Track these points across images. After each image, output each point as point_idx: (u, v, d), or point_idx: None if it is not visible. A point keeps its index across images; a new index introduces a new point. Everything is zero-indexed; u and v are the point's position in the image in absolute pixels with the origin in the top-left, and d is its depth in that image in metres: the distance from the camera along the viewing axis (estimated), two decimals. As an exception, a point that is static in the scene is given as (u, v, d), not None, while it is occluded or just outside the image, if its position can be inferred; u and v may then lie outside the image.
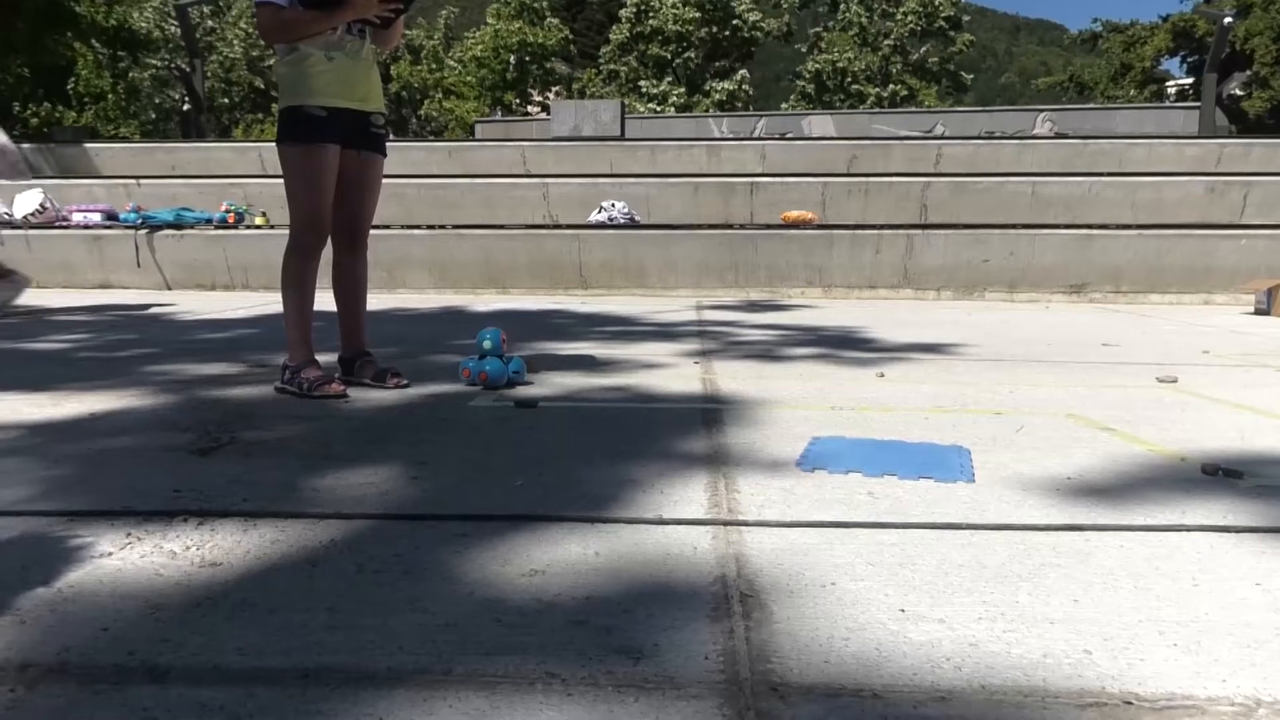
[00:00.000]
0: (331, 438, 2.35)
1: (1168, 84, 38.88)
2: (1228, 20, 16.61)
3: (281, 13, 2.82)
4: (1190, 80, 36.14)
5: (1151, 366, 3.68)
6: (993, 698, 1.05)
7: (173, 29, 30.20)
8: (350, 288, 3.21)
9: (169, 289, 8.04)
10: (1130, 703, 1.05)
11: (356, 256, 3.19)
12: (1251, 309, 6.84)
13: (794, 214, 8.50)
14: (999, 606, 1.31)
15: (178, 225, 8.20)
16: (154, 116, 34.55)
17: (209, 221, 8.31)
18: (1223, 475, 2.01)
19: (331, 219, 3.04)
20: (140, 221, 8.29)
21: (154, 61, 32.58)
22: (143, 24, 30.53)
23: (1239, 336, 5.05)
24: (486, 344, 3.09)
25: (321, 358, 3.04)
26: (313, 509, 1.74)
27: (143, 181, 9.89)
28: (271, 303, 4.18)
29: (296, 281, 3.01)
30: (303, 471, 2.00)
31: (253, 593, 1.35)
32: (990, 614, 1.28)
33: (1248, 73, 32.30)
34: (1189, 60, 37.07)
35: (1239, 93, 32.45)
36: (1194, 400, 2.98)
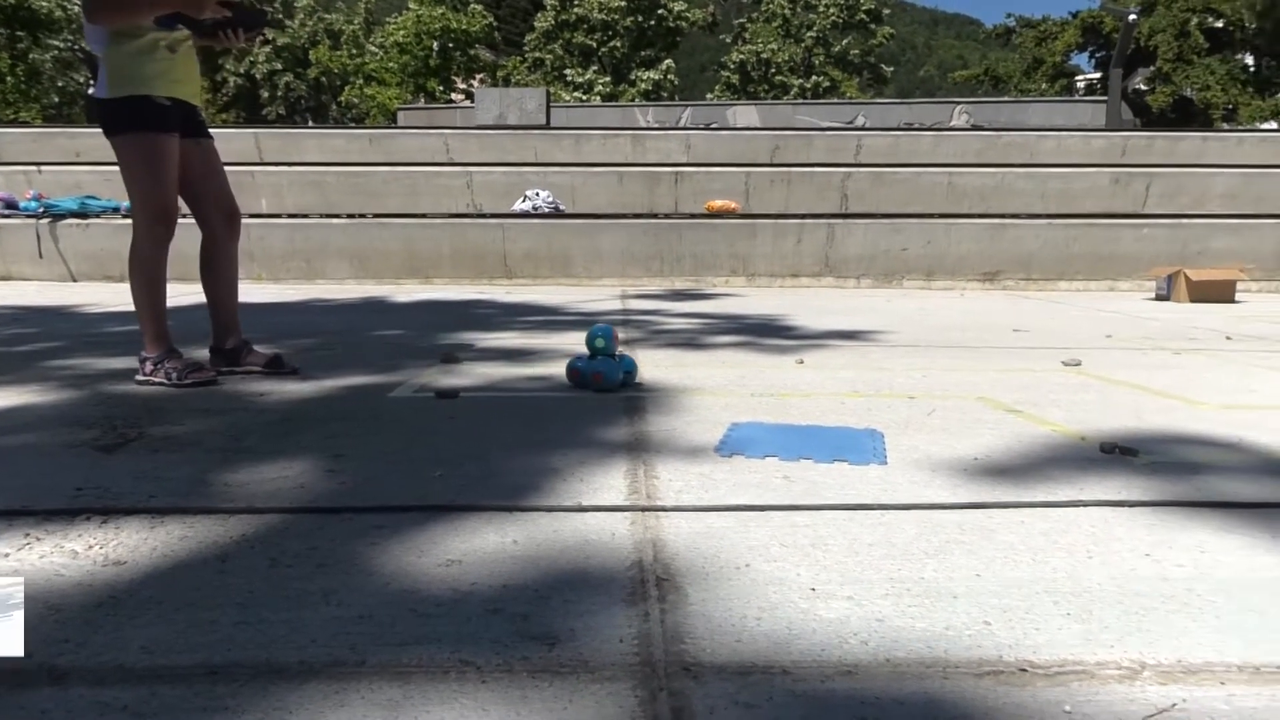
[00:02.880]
0: (244, 431, 2.30)
1: (1077, 78, 40.21)
2: (1132, 17, 17.25)
3: None
4: (1098, 75, 37.47)
5: (1058, 351, 3.82)
6: (896, 670, 1.09)
7: (75, 8, 28.88)
8: (231, 274, 3.21)
9: (74, 281, 7.74)
10: (1025, 670, 1.09)
11: (236, 237, 3.20)
12: (1153, 295, 7.15)
13: (718, 203, 8.58)
14: (905, 583, 1.35)
15: (82, 214, 7.88)
16: (57, 100, 33.03)
17: (116, 210, 8.01)
18: (1119, 453, 2.11)
19: (203, 207, 3.09)
20: (42, 210, 7.94)
21: (56, 42, 31.15)
22: (43, 2, 29.16)
23: (1140, 321, 5.27)
24: (599, 342, 2.85)
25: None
26: (224, 504, 1.70)
27: (44, 168, 9.47)
28: (183, 294, 4.06)
29: (152, 274, 2.97)
30: (214, 466, 1.95)
31: (159, 590, 1.32)
32: (897, 590, 1.32)
33: (1151, 68, 33.65)
34: (1097, 55, 38.40)
35: (1143, 87, 33.78)
36: (1096, 382, 3.11)
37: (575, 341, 4.03)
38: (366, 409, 2.59)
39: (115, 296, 6.28)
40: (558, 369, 3.28)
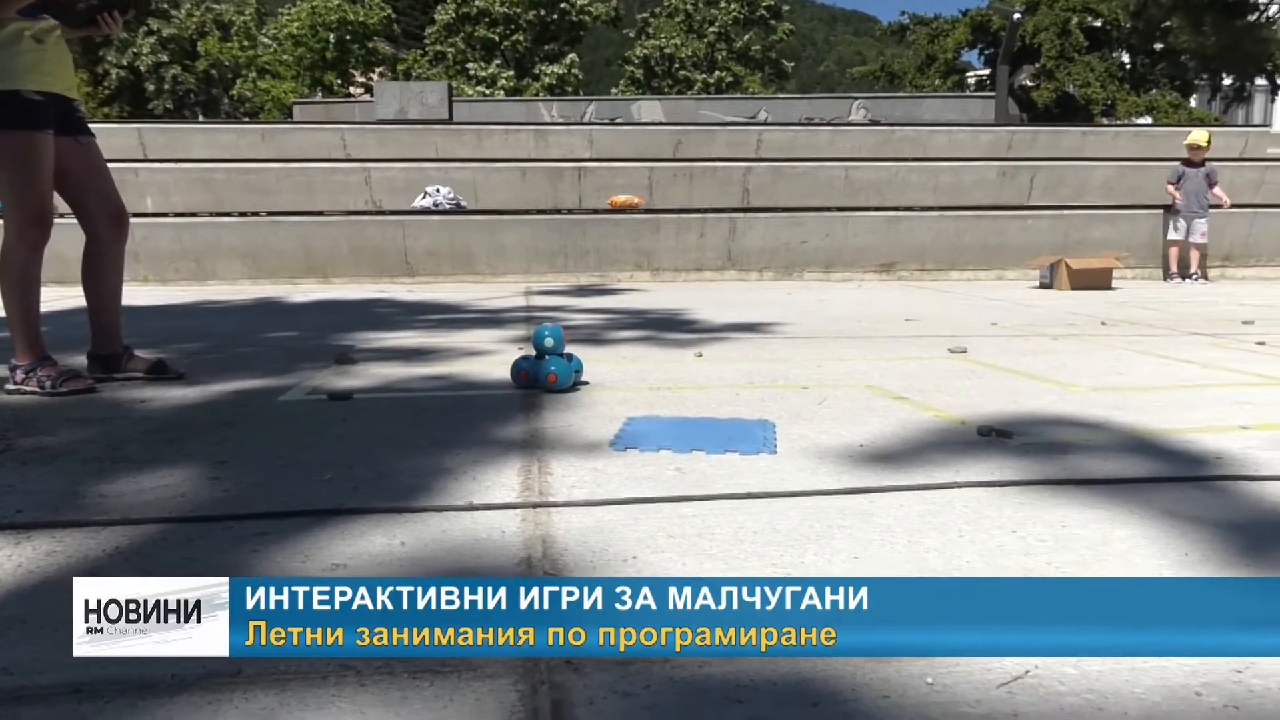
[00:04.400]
0: (123, 440, 2.21)
1: (968, 74, 41.59)
2: (1017, 16, 17.98)
3: None
4: (988, 71, 38.83)
5: (946, 339, 3.97)
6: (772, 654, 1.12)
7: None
8: (115, 278, 3.07)
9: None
10: (893, 647, 1.14)
11: (123, 239, 3.07)
12: (1037, 283, 7.48)
13: (621, 198, 8.61)
14: (787, 568, 1.39)
15: (-50, 215, 7.43)
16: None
17: (-13, 210, 7.57)
18: (995, 436, 2.21)
19: (87, 209, 2.95)
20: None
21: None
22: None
23: (1024, 308, 5.51)
24: (548, 341, 2.69)
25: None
26: (97, 516, 1.63)
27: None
28: (59, 297, 3.89)
29: (24, 279, 2.83)
30: (88, 478, 1.88)
31: (22, 609, 1.26)
32: (778, 575, 1.36)
33: (1036, 65, 35.05)
34: (985, 53, 39.78)
35: (1029, 83, 35.17)
36: (979, 368, 3.24)
37: (476, 339, 4.00)
38: (254, 414, 2.52)
39: (-13, 301, 5.95)
40: (458, 368, 3.26)
